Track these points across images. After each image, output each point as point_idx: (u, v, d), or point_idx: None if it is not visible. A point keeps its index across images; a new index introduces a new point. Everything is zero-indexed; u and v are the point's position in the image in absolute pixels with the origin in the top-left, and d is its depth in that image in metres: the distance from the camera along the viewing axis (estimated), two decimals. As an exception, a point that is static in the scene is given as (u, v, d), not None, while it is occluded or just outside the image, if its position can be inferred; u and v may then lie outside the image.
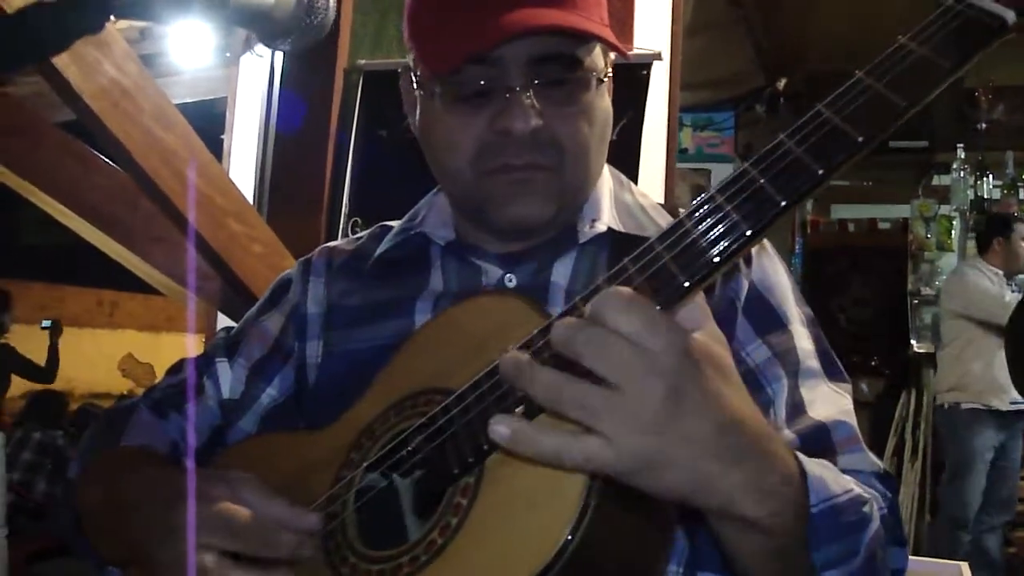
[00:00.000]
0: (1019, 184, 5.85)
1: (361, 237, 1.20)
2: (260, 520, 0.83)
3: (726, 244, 0.68)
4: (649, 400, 0.63)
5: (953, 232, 6.04)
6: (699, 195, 0.72)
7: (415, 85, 1.04)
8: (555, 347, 0.66)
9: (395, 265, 1.11)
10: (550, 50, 0.96)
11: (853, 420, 0.98)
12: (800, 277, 6.65)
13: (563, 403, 0.65)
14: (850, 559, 0.79)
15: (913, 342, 5.89)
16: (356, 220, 2.68)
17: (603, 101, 1.02)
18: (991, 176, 5.97)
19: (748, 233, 0.67)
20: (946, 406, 4.92)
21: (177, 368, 1.19)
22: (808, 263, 7.07)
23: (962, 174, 5.93)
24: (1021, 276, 5.00)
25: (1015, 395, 4.52)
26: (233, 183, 2.41)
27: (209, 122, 3.06)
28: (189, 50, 3.49)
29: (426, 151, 1.07)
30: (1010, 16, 0.68)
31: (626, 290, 0.65)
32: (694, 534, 0.90)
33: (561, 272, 1.04)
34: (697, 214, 0.69)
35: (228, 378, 1.14)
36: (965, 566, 2.42)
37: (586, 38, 0.97)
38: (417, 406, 0.89)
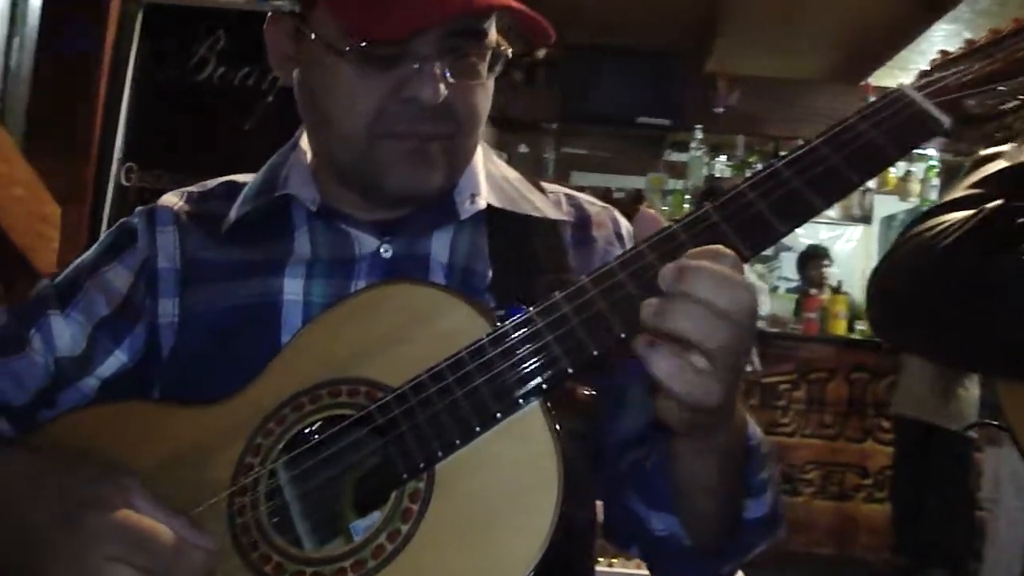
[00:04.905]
0: (747, 166, 6.43)
1: (208, 192, 1.11)
2: (169, 533, 0.75)
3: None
4: (748, 338, 0.73)
5: (686, 205, 6.55)
6: None
7: (313, 38, 0.95)
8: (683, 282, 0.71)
9: (255, 227, 1.04)
10: (466, 24, 0.94)
11: None
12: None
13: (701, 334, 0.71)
14: (770, 484, 0.93)
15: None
16: (131, 166, 2.45)
17: (492, 76, 1.01)
18: (724, 156, 6.53)
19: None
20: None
21: None
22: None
23: (699, 153, 6.44)
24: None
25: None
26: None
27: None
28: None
29: (310, 108, 1.01)
30: (947, 121, 0.78)
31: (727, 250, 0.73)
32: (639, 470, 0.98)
33: (439, 245, 1.02)
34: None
35: (64, 332, 1.01)
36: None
37: (492, 12, 0.96)
38: (339, 395, 0.83)
